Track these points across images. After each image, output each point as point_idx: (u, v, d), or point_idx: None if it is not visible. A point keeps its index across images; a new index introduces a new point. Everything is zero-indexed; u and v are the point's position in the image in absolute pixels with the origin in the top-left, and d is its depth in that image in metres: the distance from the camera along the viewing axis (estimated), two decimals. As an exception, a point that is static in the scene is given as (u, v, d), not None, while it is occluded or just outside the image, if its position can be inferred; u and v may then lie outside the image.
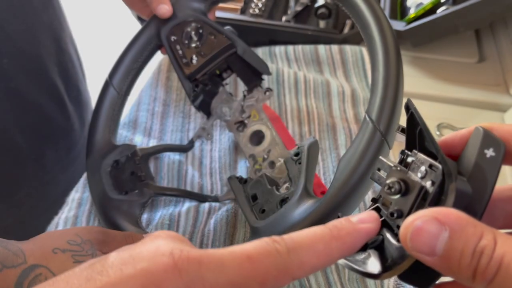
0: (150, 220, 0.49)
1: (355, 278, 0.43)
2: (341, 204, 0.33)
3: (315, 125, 0.59)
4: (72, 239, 0.35)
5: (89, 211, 0.50)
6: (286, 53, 0.68)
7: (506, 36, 0.70)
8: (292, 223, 0.34)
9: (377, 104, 0.34)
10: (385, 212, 0.24)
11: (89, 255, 0.35)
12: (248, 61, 0.50)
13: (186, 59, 0.50)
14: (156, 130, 0.60)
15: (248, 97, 0.52)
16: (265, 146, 0.50)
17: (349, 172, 0.33)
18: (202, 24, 0.50)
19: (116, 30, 2.19)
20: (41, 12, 0.57)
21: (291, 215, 0.35)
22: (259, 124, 0.52)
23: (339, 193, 0.33)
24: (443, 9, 0.64)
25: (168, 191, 0.51)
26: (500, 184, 0.24)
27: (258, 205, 0.42)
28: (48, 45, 0.59)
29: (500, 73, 0.66)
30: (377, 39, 0.37)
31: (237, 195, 0.44)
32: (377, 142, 0.33)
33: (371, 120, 0.34)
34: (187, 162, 0.56)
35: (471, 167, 0.22)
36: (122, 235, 0.40)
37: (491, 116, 0.61)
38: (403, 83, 0.36)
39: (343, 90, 0.61)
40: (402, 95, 0.36)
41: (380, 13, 0.38)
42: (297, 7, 0.76)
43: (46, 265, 0.33)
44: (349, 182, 0.32)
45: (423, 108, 0.62)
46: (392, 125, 0.34)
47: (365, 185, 0.33)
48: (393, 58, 0.36)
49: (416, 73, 0.68)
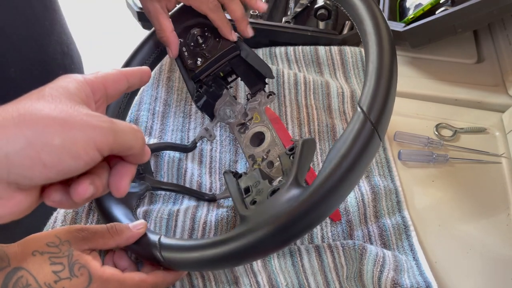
0: (148, 213, 0.50)
1: (353, 277, 0.44)
2: (329, 193, 0.32)
3: (315, 126, 0.59)
4: (51, 241, 0.36)
5: (88, 208, 0.51)
6: (287, 54, 0.68)
7: (504, 36, 0.71)
8: (278, 211, 0.34)
9: (369, 95, 0.34)
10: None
11: (65, 256, 0.36)
12: (252, 64, 0.50)
13: (191, 60, 0.51)
14: (156, 129, 0.60)
15: (251, 101, 0.53)
16: (264, 147, 0.50)
17: (337, 162, 0.32)
18: (207, 27, 0.51)
19: (115, 31, 2.20)
20: (43, 18, 0.57)
21: (278, 203, 0.35)
22: (260, 126, 0.52)
23: (327, 182, 0.32)
24: (441, 10, 0.64)
25: (165, 185, 0.51)
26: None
27: (250, 197, 0.42)
28: (52, 50, 0.59)
29: (499, 73, 0.67)
30: (371, 32, 0.37)
31: (230, 188, 0.44)
32: (367, 132, 0.33)
33: (362, 110, 0.34)
34: (187, 161, 0.56)
35: None
36: (104, 228, 0.40)
37: (490, 116, 0.61)
38: (396, 76, 0.36)
39: (342, 91, 0.62)
40: (396, 88, 0.36)
41: (375, 8, 0.39)
42: (297, 8, 0.76)
43: (26, 267, 0.34)
44: (337, 172, 0.32)
45: (422, 109, 0.63)
46: (384, 117, 0.34)
47: (355, 175, 0.33)
48: (387, 51, 0.36)
49: (415, 73, 0.68)
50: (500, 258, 0.47)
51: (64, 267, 0.35)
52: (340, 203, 0.35)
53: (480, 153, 0.57)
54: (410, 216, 0.50)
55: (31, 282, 0.33)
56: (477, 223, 0.50)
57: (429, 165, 0.56)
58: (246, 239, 0.34)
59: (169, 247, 0.38)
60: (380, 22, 0.38)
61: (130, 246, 0.41)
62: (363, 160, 0.33)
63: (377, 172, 0.54)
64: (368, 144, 0.33)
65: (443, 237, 0.49)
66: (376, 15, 0.38)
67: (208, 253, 0.35)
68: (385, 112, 0.34)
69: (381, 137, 0.34)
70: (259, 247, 0.34)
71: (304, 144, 0.40)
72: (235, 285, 0.44)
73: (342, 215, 0.50)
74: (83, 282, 0.35)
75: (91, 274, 0.36)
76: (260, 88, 0.53)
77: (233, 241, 0.34)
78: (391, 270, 0.42)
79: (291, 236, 0.34)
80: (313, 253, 0.44)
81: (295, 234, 0.34)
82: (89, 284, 0.35)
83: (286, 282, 0.43)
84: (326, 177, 0.32)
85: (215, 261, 0.35)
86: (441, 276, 0.46)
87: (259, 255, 0.36)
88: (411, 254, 0.47)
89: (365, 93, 0.34)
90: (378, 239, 0.48)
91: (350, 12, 0.41)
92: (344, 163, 0.32)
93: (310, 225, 0.34)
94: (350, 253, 0.43)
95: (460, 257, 0.47)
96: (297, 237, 0.34)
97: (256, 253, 0.35)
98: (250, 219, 0.36)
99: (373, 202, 0.50)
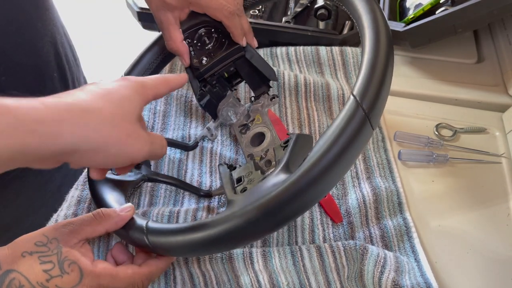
0: (147, 214, 0.50)
1: (354, 277, 0.44)
2: (316, 179, 0.31)
3: (315, 127, 0.59)
4: (39, 240, 0.36)
5: (88, 209, 0.51)
6: (288, 54, 0.68)
7: (504, 36, 0.71)
8: (263, 194, 0.33)
9: (362, 83, 0.34)
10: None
11: (55, 254, 0.36)
12: (256, 65, 0.51)
13: (196, 59, 0.51)
14: (158, 128, 0.61)
15: (254, 103, 0.54)
16: (264, 146, 0.50)
17: (326, 148, 0.32)
18: (214, 28, 0.51)
19: (115, 31, 2.20)
20: (35, 19, 0.56)
21: (264, 187, 0.34)
22: (261, 126, 0.53)
23: (314, 168, 0.31)
24: (441, 10, 0.64)
25: (161, 177, 0.51)
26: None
27: (241, 186, 0.42)
28: (45, 52, 0.58)
29: (499, 73, 0.67)
30: (369, 25, 0.37)
31: (222, 177, 0.44)
32: (359, 120, 0.32)
33: (355, 97, 0.33)
34: (187, 161, 0.56)
35: None
36: (89, 216, 0.40)
37: (490, 116, 0.61)
38: (392, 66, 0.36)
39: (343, 92, 0.62)
40: (391, 78, 0.35)
41: (373, 3, 0.39)
42: (297, 8, 0.76)
43: (17, 269, 0.34)
44: (326, 157, 0.31)
45: (422, 109, 0.63)
46: (377, 106, 0.33)
47: (344, 162, 0.32)
48: (383, 42, 0.36)
49: (415, 73, 0.68)
50: (500, 258, 0.47)
51: (54, 265, 0.35)
52: (329, 189, 0.34)
53: (480, 153, 0.57)
54: (412, 218, 0.50)
55: (24, 283, 0.34)
56: (477, 223, 0.50)
57: (429, 165, 0.56)
58: (230, 222, 0.33)
59: (155, 231, 0.38)
60: (378, 15, 0.38)
61: (119, 231, 0.41)
62: (354, 147, 0.32)
63: (378, 174, 0.54)
64: (359, 132, 0.32)
65: (443, 237, 0.49)
66: (374, 9, 0.38)
67: (192, 237, 0.35)
68: (378, 101, 0.33)
69: (374, 126, 0.33)
70: (244, 230, 0.33)
71: (299, 137, 0.39)
72: (236, 284, 0.44)
73: (344, 216, 0.50)
74: (75, 278, 0.35)
75: (82, 269, 0.36)
76: (263, 91, 0.53)
77: (217, 224, 0.34)
78: (392, 270, 0.42)
79: (279, 220, 0.33)
80: (314, 253, 0.44)
81: (284, 217, 0.33)
82: (80, 280, 0.36)
83: (287, 282, 0.43)
84: (315, 162, 0.31)
85: (200, 244, 0.35)
86: (441, 276, 0.46)
87: (244, 239, 0.35)
88: (412, 255, 0.47)
89: (359, 82, 0.34)
90: (379, 240, 0.48)
91: (349, 8, 0.41)
92: (334, 149, 0.31)
93: (296, 211, 0.33)
94: (352, 254, 0.43)
95: (460, 257, 0.48)
96: (286, 220, 0.33)
97: (242, 237, 0.34)
98: (235, 203, 0.36)
99: (374, 204, 0.50)
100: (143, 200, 0.53)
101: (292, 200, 0.32)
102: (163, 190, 0.54)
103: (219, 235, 0.33)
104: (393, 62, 0.36)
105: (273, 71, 0.51)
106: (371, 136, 0.34)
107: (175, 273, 0.47)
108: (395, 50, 0.66)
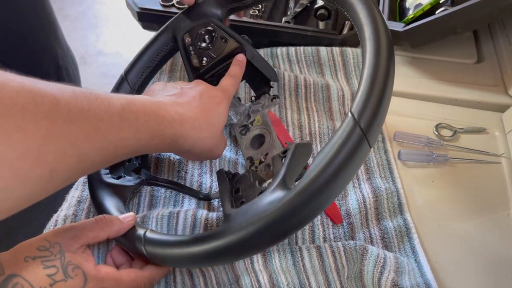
0: (147, 217, 0.50)
1: (354, 277, 0.44)
2: (313, 196, 0.32)
3: (315, 128, 0.59)
4: (42, 245, 0.36)
5: (88, 209, 0.51)
6: (288, 55, 0.68)
7: (504, 37, 0.71)
8: (260, 211, 0.33)
9: (360, 101, 0.33)
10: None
11: (58, 259, 0.36)
12: (256, 66, 0.51)
13: (196, 59, 0.51)
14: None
15: (255, 103, 0.53)
16: (263, 149, 0.50)
17: (323, 166, 0.32)
18: (215, 28, 0.51)
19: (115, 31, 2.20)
20: (38, 33, 0.56)
21: (261, 204, 0.35)
22: (261, 128, 0.52)
23: (311, 185, 0.32)
24: (441, 10, 0.64)
25: (160, 181, 0.51)
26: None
27: (238, 197, 0.42)
28: (46, 64, 0.58)
29: (498, 73, 0.67)
30: (370, 37, 0.37)
31: (220, 187, 0.44)
32: (356, 138, 0.32)
33: (353, 115, 0.33)
34: (187, 162, 0.56)
35: None
36: (92, 221, 0.40)
37: (490, 116, 0.61)
38: (392, 82, 0.36)
39: (343, 93, 0.62)
40: (390, 95, 0.35)
41: (376, 13, 0.39)
42: (297, 8, 0.76)
43: (20, 274, 0.34)
44: (323, 176, 0.31)
45: (422, 109, 0.63)
46: (375, 124, 0.33)
47: (341, 180, 0.32)
48: (384, 57, 0.36)
49: (414, 73, 0.68)
50: (500, 258, 0.47)
51: (58, 269, 0.35)
52: (324, 208, 0.34)
53: (480, 153, 0.57)
54: (412, 219, 0.50)
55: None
56: (477, 223, 0.50)
57: (429, 165, 0.56)
58: (226, 238, 0.34)
59: (152, 242, 0.39)
60: (380, 27, 0.37)
61: (118, 238, 0.41)
62: (350, 166, 0.32)
63: (378, 174, 0.54)
64: (356, 150, 0.32)
65: (443, 237, 0.49)
66: (376, 20, 0.38)
67: (188, 250, 0.36)
68: (376, 119, 0.33)
69: (371, 144, 0.33)
70: (239, 247, 0.34)
71: (297, 147, 0.39)
72: (236, 284, 0.44)
73: (344, 217, 0.50)
74: (79, 283, 0.35)
75: (86, 274, 0.36)
76: (264, 91, 0.53)
77: (213, 239, 0.34)
78: (392, 271, 0.42)
79: (274, 237, 0.34)
80: (314, 253, 0.44)
81: (277, 236, 0.34)
82: (85, 284, 0.36)
83: (287, 282, 0.44)
84: (311, 181, 0.32)
85: (196, 258, 0.36)
86: (441, 276, 0.46)
87: (239, 255, 0.36)
88: (412, 256, 0.47)
89: (357, 99, 0.34)
90: (379, 241, 0.48)
91: (351, 15, 0.41)
92: (330, 168, 0.32)
93: (292, 228, 0.33)
94: (351, 254, 0.43)
95: (460, 257, 0.48)
96: (280, 238, 0.34)
97: (236, 253, 0.35)
98: (232, 218, 0.36)
99: (374, 205, 0.50)
100: (143, 201, 0.53)
101: (287, 219, 0.32)
102: (163, 190, 0.54)
103: (215, 250, 0.34)
104: (393, 78, 0.36)
105: (274, 72, 0.51)
106: (368, 153, 0.34)
107: (175, 273, 0.47)
108: (395, 50, 0.66)
